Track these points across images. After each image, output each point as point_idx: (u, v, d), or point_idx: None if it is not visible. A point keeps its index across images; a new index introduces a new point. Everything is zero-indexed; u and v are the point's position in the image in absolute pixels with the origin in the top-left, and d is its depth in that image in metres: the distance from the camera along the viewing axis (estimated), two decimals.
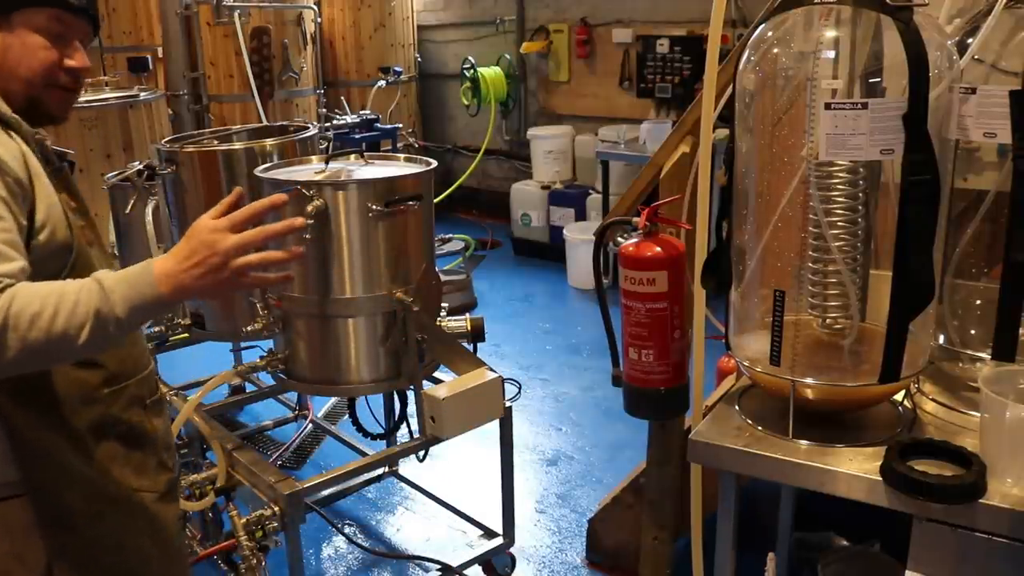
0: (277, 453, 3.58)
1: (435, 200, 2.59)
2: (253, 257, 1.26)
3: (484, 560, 2.76)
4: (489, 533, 2.86)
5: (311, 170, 2.50)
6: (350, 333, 2.39)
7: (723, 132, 1.81)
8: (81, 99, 4.70)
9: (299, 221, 1.34)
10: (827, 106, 1.37)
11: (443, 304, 2.56)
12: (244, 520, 2.17)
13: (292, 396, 3.81)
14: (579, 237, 5.53)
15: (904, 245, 1.37)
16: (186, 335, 2.94)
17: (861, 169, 1.49)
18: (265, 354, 2.51)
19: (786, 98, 1.53)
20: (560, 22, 6.53)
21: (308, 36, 6.05)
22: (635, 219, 1.77)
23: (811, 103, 1.41)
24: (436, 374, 2.65)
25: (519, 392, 4.13)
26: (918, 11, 1.35)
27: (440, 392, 2.25)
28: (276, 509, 2.18)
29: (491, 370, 2.37)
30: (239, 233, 1.26)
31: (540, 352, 4.68)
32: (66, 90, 1.45)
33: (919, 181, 1.35)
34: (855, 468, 1.42)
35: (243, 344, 3.55)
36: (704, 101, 1.73)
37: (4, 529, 1.40)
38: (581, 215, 5.98)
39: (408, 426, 2.77)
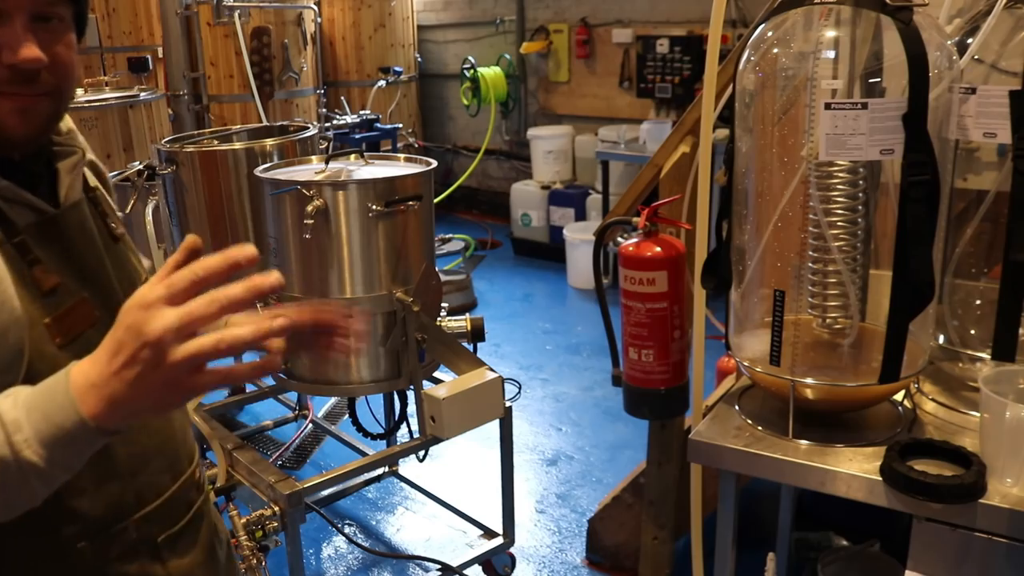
0: (277, 453, 3.58)
1: (435, 200, 2.59)
2: (203, 342, 0.77)
3: (484, 560, 2.77)
4: (489, 533, 2.86)
5: (311, 170, 2.50)
6: None
7: (723, 132, 1.81)
8: (81, 99, 4.72)
9: (271, 280, 0.79)
10: (827, 106, 1.37)
11: (443, 304, 2.56)
12: (244, 520, 2.18)
13: (292, 396, 3.81)
14: (579, 237, 5.53)
15: (904, 245, 1.37)
16: None
17: (861, 169, 1.49)
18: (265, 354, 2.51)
19: (786, 98, 1.53)
20: (560, 22, 6.53)
21: (308, 36, 6.05)
22: (635, 219, 1.77)
23: (811, 103, 1.41)
24: (436, 374, 2.66)
25: (519, 392, 4.13)
26: (918, 11, 1.35)
27: (440, 392, 2.26)
28: (276, 509, 2.19)
29: (491, 370, 2.37)
30: (179, 306, 0.78)
31: (540, 352, 4.68)
32: (17, 96, 0.96)
33: (919, 181, 1.35)
34: (855, 468, 1.42)
35: None
36: (704, 101, 1.73)
37: None
38: (581, 215, 5.98)
39: (408, 426, 2.77)
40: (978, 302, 1.63)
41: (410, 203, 2.32)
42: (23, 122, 0.98)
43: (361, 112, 5.81)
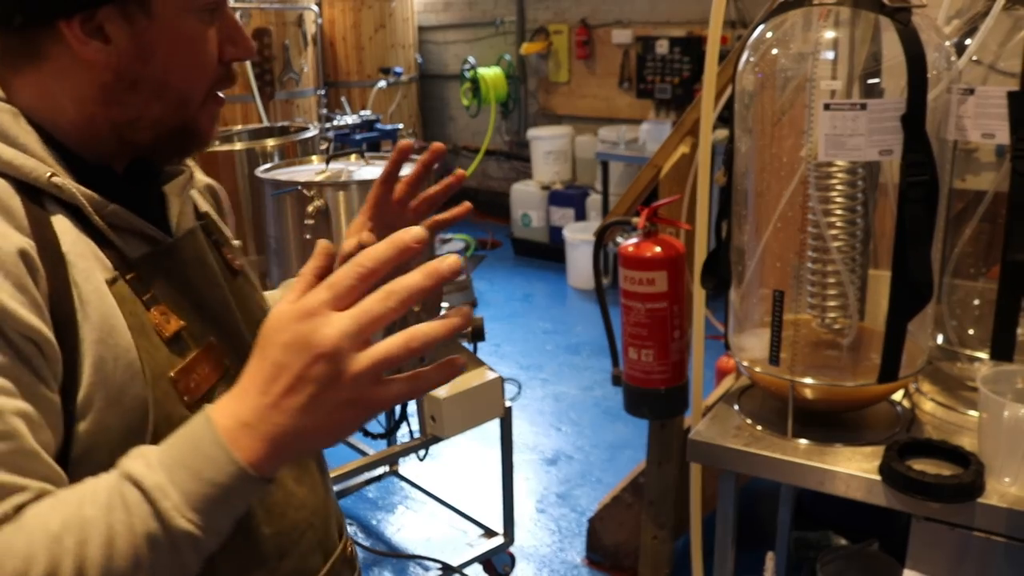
0: None
1: None
2: (391, 344, 0.67)
3: (484, 559, 2.77)
4: (489, 532, 2.86)
5: (312, 170, 2.50)
6: None
7: (723, 132, 1.81)
8: None
9: (450, 262, 0.70)
10: (826, 107, 1.38)
11: (443, 304, 2.56)
12: None
13: None
14: (579, 237, 5.54)
15: (903, 245, 1.38)
16: None
17: (860, 169, 1.50)
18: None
19: (785, 99, 1.53)
20: (560, 23, 6.53)
21: (309, 37, 6.06)
22: (635, 219, 1.78)
23: (810, 104, 1.42)
24: None
25: (519, 392, 4.14)
26: (916, 12, 1.36)
27: (440, 392, 2.26)
28: None
29: (491, 370, 2.37)
30: (349, 309, 0.66)
31: (540, 352, 4.68)
32: (218, 100, 0.89)
33: (917, 181, 1.35)
34: (854, 467, 1.42)
35: None
36: (704, 101, 1.73)
37: None
38: (581, 215, 5.99)
39: (408, 426, 2.78)
40: (976, 302, 1.64)
41: None
42: (215, 126, 0.89)
43: (361, 112, 5.80)
